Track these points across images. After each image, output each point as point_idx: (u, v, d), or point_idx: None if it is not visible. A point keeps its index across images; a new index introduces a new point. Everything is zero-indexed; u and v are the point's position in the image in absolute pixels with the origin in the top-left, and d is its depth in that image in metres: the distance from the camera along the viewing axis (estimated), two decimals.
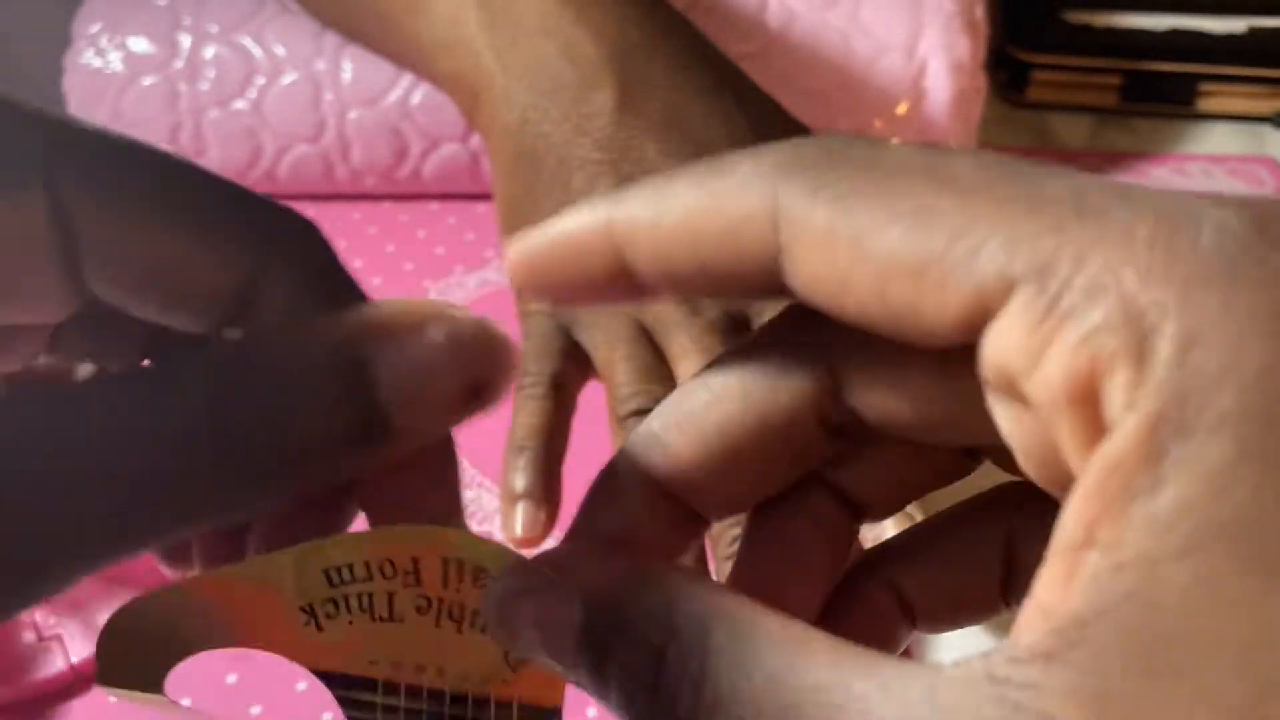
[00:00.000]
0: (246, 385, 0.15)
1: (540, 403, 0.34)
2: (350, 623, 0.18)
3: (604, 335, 0.35)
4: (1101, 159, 0.57)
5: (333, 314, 0.16)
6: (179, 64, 0.52)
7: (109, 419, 0.14)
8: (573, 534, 0.17)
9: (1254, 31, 0.58)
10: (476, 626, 0.17)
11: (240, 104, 0.52)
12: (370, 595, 0.17)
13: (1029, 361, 0.12)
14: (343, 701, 0.18)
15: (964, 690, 0.12)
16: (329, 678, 0.18)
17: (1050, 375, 0.12)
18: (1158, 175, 0.56)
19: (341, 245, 0.57)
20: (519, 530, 0.32)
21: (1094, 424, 0.12)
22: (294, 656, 0.18)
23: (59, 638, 0.37)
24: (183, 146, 0.53)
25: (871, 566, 0.18)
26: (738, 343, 0.17)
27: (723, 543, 0.30)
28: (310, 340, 0.15)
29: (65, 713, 0.36)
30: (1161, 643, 0.11)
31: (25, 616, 0.37)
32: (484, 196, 0.52)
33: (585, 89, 0.36)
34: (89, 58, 0.53)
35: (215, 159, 0.53)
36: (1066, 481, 0.12)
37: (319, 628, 0.18)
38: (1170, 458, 0.11)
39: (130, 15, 0.53)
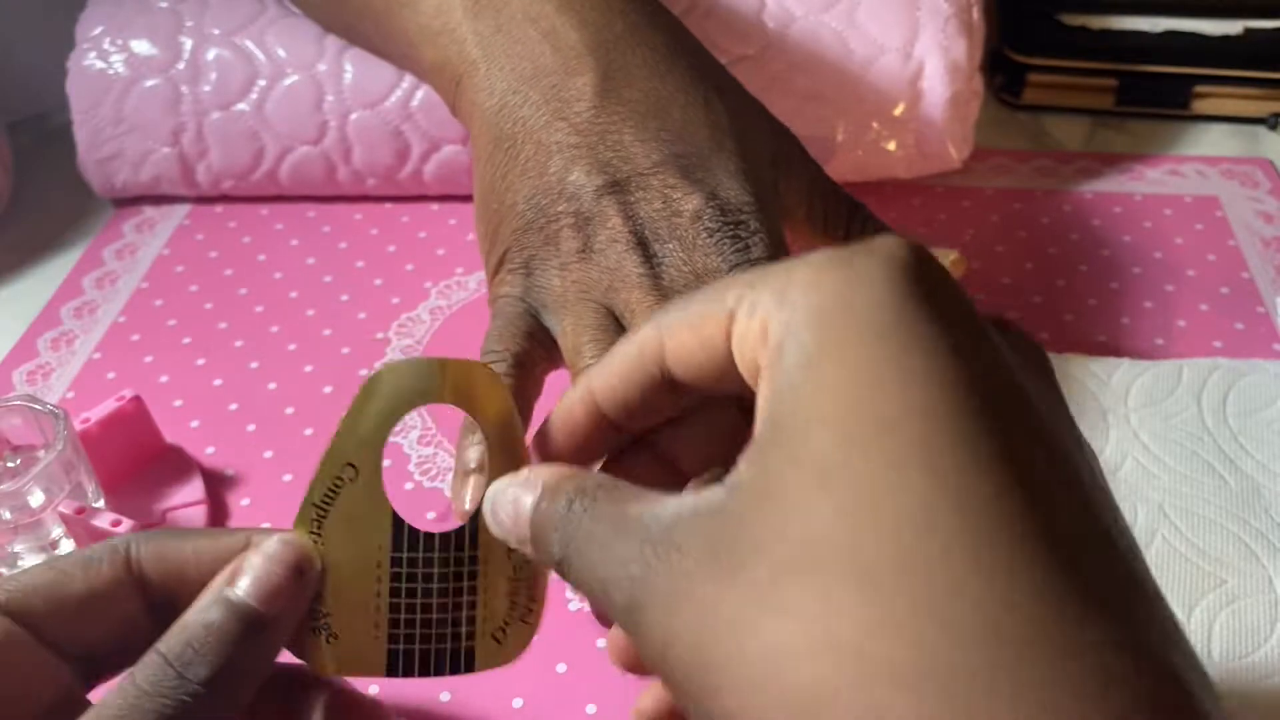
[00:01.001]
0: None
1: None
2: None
3: (572, 320, 0.34)
4: (1097, 161, 0.57)
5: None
6: (181, 66, 0.53)
7: None
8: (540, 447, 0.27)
9: (1249, 33, 0.59)
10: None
11: (242, 106, 0.52)
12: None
13: (745, 328, 0.22)
14: None
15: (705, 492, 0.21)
16: None
17: (753, 328, 0.22)
18: (1153, 177, 0.56)
19: (342, 246, 0.58)
20: (467, 504, 0.30)
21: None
22: None
23: None
24: (185, 148, 0.53)
25: (644, 444, 0.27)
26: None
27: None
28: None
29: None
30: (793, 444, 0.20)
31: None
32: None
33: (565, 74, 0.36)
34: (92, 60, 0.53)
35: (217, 160, 0.54)
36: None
37: None
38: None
39: (132, 18, 0.54)
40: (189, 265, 0.53)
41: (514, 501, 0.24)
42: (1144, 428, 0.41)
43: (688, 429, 0.27)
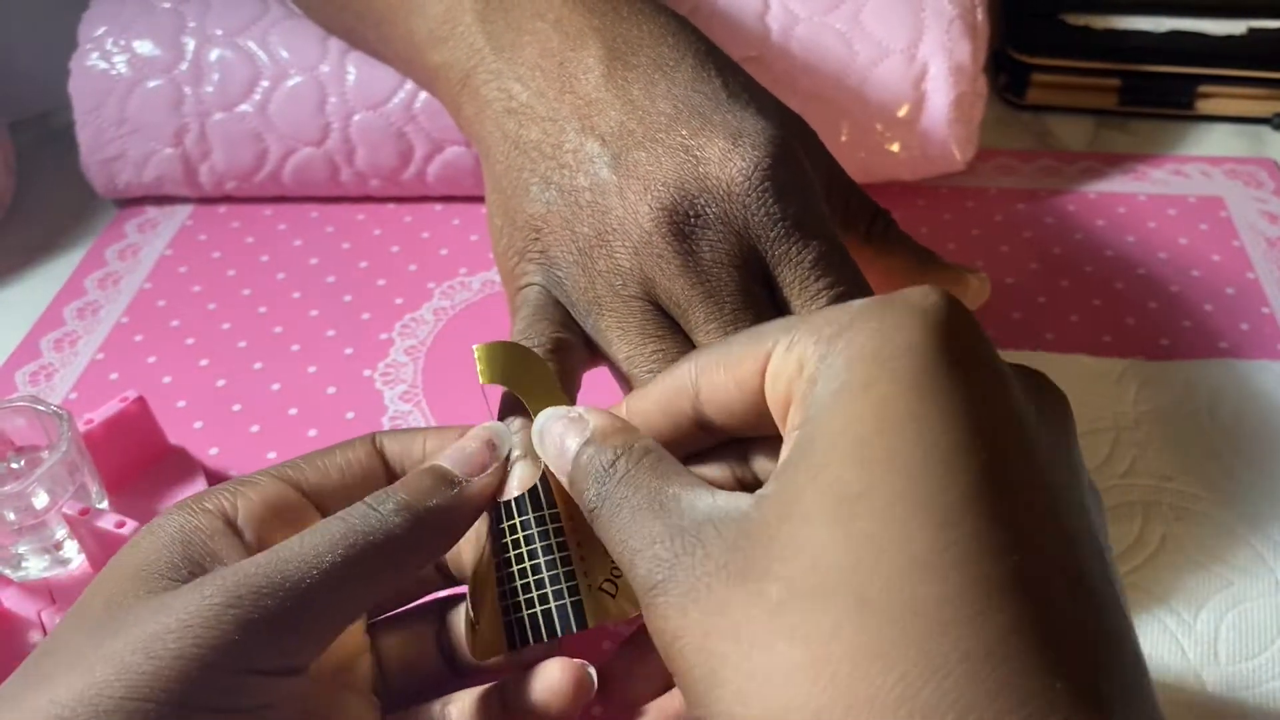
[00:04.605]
0: None
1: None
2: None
3: (614, 322, 0.32)
4: (1101, 161, 0.57)
5: None
6: (184, 67, 0.53)
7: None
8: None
9: (1253, 33, 0.59)
10: None
11: (245, 107, 0.52)
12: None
13: (781, 364, 0.24)
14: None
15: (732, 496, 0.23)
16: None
17: (789, 364, 0.24)
18: (1157, 177, 0.56)
19: (345, 246, 0.58)
20: (514, 490, 0.29)
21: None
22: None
23: None
24: (188, 149, 0.53)
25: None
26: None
27: None
28: None
29: None
30: (816, 455, 0.21)
31: (33, 619, 0.37)
32: None
33: (571, 50, 0.35)
34: (94, 60, 0.53)
35: (220, 161, 0.54)
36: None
37: None
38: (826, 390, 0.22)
39: (135, 18, 0.53)
40: (192, 266, 0.53)
41: (560, 438, 0.26)
42: (1149, 429, 0.41)
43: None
